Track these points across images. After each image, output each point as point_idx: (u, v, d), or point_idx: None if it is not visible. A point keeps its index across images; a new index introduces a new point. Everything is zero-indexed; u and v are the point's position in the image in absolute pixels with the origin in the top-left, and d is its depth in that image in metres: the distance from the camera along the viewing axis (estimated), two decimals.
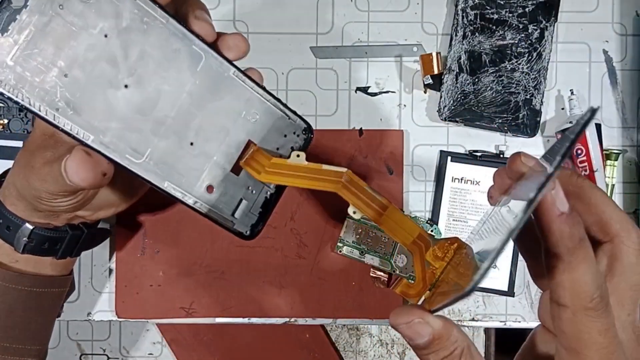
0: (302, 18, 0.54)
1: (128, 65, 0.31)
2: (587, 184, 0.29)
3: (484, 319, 0.53)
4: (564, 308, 0.26)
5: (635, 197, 0.54)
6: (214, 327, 1.03)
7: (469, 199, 0.53)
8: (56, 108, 0.30)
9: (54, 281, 0.43)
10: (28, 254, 0.41)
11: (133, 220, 0.52)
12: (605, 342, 0.26)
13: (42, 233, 0.40)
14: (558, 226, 0.25)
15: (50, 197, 0.36)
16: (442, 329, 0.28)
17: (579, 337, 0.26)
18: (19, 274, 0.41)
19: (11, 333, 0.42)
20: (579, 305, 0.26)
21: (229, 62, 0.34)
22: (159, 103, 0.32)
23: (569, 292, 0.26)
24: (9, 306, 0.41)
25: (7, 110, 0.51)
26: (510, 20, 0.51)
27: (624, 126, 0.54)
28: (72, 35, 0.30)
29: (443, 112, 0.51)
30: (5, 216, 0.39)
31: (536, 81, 0.51)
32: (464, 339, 0.29)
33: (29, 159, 0.36)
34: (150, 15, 0.31)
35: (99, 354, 1.08)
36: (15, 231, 0.39)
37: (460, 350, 0.29)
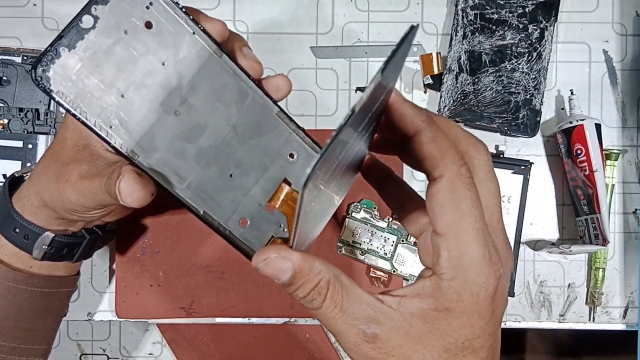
0: (302, 18, 0.54)
1: (181, 93, 0.33)
2: (432, 114, 0.29)
3: None
4: (440, 180, 0.27)
5: (635, 197, 0.54)
6: (214, 327, 1.03)
7: None
8: (110, 125, 0.32)
9: (63, 281, 0.44)
10: (46, 260, 0.41)
11: (133, 220, 0.52)
12: (477, 213, 0.27)
13: (62, 240, 0.41)
14: (408, 107, 0.28)
15: (85, 210, 0.37)
16: (301, 261, 0.28)
17: (456, 208, 0.27)
18: (30, 275, 0.41)
19: (19, 333, 0.42)
20: (453, 172, 0.27)
21: (273, 102, 0.35)
22: (205, 133, 0.33)
23: (441, 161, 0.27)
24: (18, 307, 0.41)
25: (7, 110, 0.51)
26: (510, 20, 0.51)
27: (624, 126, 0.54)
28: (132, 59, 0.32)
29: (443, 112, 0.51)
30: (24, 226, 0.39)
31: (536, 81, 0.51)
32: (329, 269, 0.29)
33: (61, 171, 0.36)
34: (206, 50, 0.33)
35: (99, 354, 1.08)
36: (34, 240, 0.40)
37: (326, 281, 0.28)
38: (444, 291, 0.27)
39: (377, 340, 0.28)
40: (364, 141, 0.29)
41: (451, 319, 0.28)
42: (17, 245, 0.40)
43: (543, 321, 0.53)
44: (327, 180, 0.26)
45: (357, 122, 0.24)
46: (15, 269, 0.40)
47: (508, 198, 0.52)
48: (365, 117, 0.25)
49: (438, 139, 0.27)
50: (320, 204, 0.29)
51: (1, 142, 0.52)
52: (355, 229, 0.51)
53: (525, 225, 0.53)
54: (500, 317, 0.29)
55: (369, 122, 0.26)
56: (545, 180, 0.54)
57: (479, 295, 0.27)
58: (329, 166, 0.24)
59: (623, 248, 0.54)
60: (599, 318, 0.53)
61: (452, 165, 0.27)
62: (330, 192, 0.29)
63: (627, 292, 0.53)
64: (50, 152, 0.38)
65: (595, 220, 0.50)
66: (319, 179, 0.24)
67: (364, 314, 0.28)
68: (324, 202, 0.30)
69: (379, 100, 0.26)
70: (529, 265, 0.53)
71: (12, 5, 0.53)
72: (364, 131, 0.26)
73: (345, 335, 0.28)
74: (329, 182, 0.27)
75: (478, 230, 0.27)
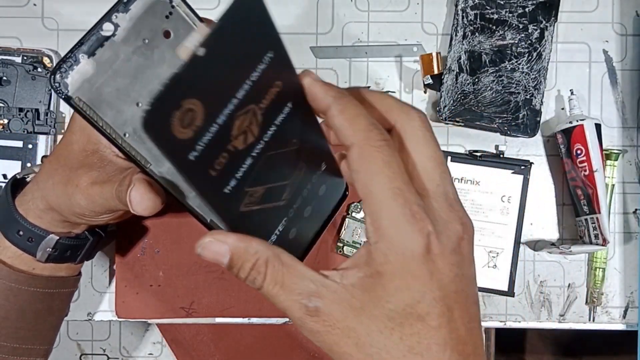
0: (302, 18, 0.54)
1: None
2: (365, 91, 0.30)
3: (484, 319, 0.53)
4: (351, 148, 0.28)
5: (635, 197, 0.54)
6: (214, 327, 1.03)
7: (469, 198, 0.53)
8: (124, 133, 0.32)
9: (65, 282, 0.44)
10: (50, 262, 0.41)
11: (134, 221, 0.52)
12: (390, 173, 0.27)
13: (66, 242, 0.41)
14: (319, 86, 0.29)
15: (94, 215, 0.37)
16: (237, 242, 0.29)
17: (367, 169, 0.27)
18: (32, 276, 0.41)
19: (21, 333, 0.42)
20: (361, 137, 0.27)
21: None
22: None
23: (350, 130, 0.28)
24: (20, 307, 0.41)
25: (7, 110, 0.51)
26: (510, 20, 0.51)
27: (624, 126, 0.54)
28: (150, 68, 0.32)
29: (443, 112, 0.51)
30: (28, 229, 0.39)
31: (536, 81, 0.51)
32: (267, 249, 0.29)
33: (70, 176, 0.36)
34: None
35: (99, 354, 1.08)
36: (38, 242, 0.40)
37: (264, 260, 0.29)
38: (373, 256, 0.27)
39: (320, 313, 0.28)
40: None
41: (385, 282, 0.27)
42: (20, 247, 0.40)
43: (543, 321, 0.53)
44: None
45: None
46: (18, 271, 0.41)
47: (508, 198, 0.52)
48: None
49: (346, 110, 0.28)
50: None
51: (1, 142, 0.52)
52: (355, 229, 0.52)
53: (525, 225, 0.53)
54: (451, 283, 0.28)
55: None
56: (545, 180, 0.54)
57: (405, 255, 0.27)
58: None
59: (623, 248, 0.54)
60: (599, 318, 0.53)
61: (360, 132, 0.27)
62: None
63: (627, 292, 0.53)
64: (56, 156, 0.38)
65: (595, 220, 0.50)
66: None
67: (305, 289, 0.28)
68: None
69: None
70: (529, 265, 0.53)
71: (12, 5, 0.53)
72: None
73: (290, 311, 0.28)
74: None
75: (394, 189, 0.27)
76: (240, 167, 0.30)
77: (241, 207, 0.31)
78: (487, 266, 0.52)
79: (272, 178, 0.32)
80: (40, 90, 0.52)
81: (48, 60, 0.52)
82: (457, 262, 0.28)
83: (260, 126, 0.30)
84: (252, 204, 0.31)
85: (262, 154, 0.30)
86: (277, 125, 0.30)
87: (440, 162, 0.29)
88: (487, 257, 0.52)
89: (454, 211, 0.28)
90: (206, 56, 0.25)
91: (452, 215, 0.28)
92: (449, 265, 0.27)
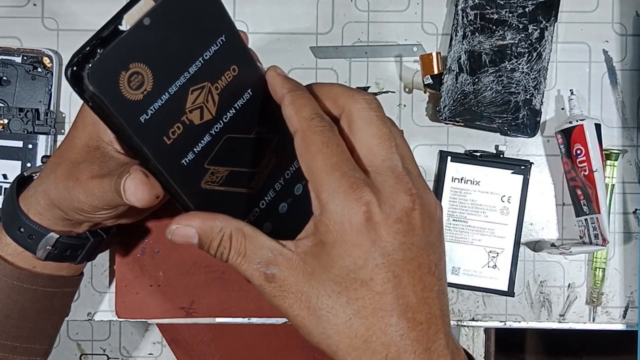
0: (302, 18, 0.54)
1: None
2: (317, 84, 0.33)
3: (484, 319, 0.53)
4: (295, 135, 0.30)
5: (635, 197, 0.54)
6: (214, 327, 1.03)
7: (469, 199, 0.53)
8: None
9: (66, 281, 0.44)
10: (50, 261, 0.41)
11: (135, 223, 0.52)
12: (328, 151, 0.29)
13: (66, 241, 0.41)
14: (279, 79, 0.32)
15: (93, 210, 0.37)
16: (202, 223, 0.31)
17: (308, 150, 0.30)
18: (34, 274, 0.41)
19: (22, 332, 0.42)
20: (304, 125, 0.30)
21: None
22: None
23: (296, 117, 0.30)
24: (21, 305, 0.41)
25: (7, 110, 0.51)
26: (510, 20, 0.51)
27: (624, 126, 0.54)
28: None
29: (443, 112, 0.51)
30: (28, 226, 0.39)
31: (536, 81, 0.51)
32: (230, 223, 0.31)
33: (72, 170, 0.36)
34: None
35: (99, 354, 1.09)
36: (38, 240, 0.40)
37: (228, 235, 0.31)
38: (317, 227, 0.30)
39: (276, 279, 0.30)
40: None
41: (329, 250, 0.29)
42: (20, 244, 0.40)
43: (543, 321, 0.53)
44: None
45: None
46: (18, 268, 0.41)
47: (508, 198, 0.52)
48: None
49: (296, 101, 0.31)
50: None
51: (1, 142, 0.52)
52: None
53: (525, 225, 0.53)
54: (396, 250, 0.29)
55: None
56: (545, 180, 0.54)
57: (344, 224, 0.29)
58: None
59: (623, 248, 0.54)
60: (599, 318, 0.53)
61: (303, 120, 0.30)
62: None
63: (627, 292, 0.53)
64: (60, 151, 0.38)
65: (595, 220, 0.50)
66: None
67: (264, 258, 0.30)
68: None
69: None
70: (529, 265, 0.53)
71: (12, 5, 0.53)
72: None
73: (252, 279, 0.31)
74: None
75: (332, 164, 0.29)
76: (199, 142, 0.32)
77: (202, 184, 0.33)
78: (487, 266, 0.52)
79: (235, 162, 0.34)
80: (40, 90, 0.52)
81: (48, 60, 0.52)
82: (403, 230, 0.29)
83: (218, 106, 0.32)
84: (215, 183, 0.33)
85: (221, 134, 0.33)
86: (237, 109, 0.33)
87: (386, 139, 0.30)
88: (487, 257, 0.52)
89: (401, 183, 0.29)
90: (151, 25, 0.29)
91: (398, 187, 0.29)
92: (393, 234, 0.29)
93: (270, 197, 0.36)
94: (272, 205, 0.36)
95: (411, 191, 0.29)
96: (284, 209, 0.37)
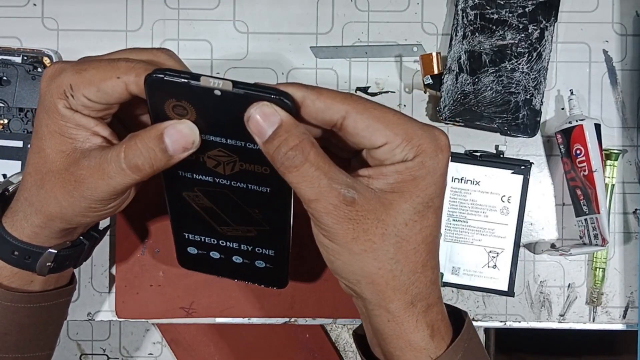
0: (302, 18, 0.54)
1: None
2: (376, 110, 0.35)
3: (484, 319, 0.53)
4: (348, 116, 0.33)
5: (635, 197, 0.54)
6: (214, 327, 1.03)
7: (469, 199, 0.53)
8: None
9: (61, 293, 0.43)
10: (52, 273, 0.40)
11: (133, 220, 0.52)
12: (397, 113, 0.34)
13: (65, 253, 0.40)
14: (327, 96, 0.32)
15: (102, 205, 0.36)
16: (289, 118, 0.31)
17: (384, 118, 0.33)
18: (27, 295, 0.40)
19: (22, 345, 0.41)
20: (358, 103, 0.33)
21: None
22: None
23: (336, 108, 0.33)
24: (18, 322, 0.41)
25: (7, 110, 0.51)
26: (510, 20, 0.51)
27: (624, 126, 0.54)
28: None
29: (443, 112, 0.51)
30: (22, 248, 0.38)
31: (536, 81, 0.51)
32: (313, 138, 0.32)
33: (63, 176, 0.35)
34: None
35: (99, 354, 1.08)
36: (36, 259, 0.39)
37: (309, 142, 0.31)
38: (409, 166, 0.33)
39: (355, 204, 0.32)
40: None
41: (419, 181, 0.33)
42: (18, 266, 0.39)
43: (543, 321, 0.54)
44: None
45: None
46: (11, 289, 0.39)
47: (508, 198, 0.52)
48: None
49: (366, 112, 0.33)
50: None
51: (1, 142, 0.52)
52: None
53: (525, 225, 0.53)
54: (443, 188, 0.35)
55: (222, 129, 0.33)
56: (545, 180, 0.54)
57: (437, 155, 0.33)
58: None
59: (623, 248, 0.54)
60: (599, 318, 0.53)
61: (354, 101, 0.33)
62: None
63: (627, 292, 0.53)
64: (35, 166, 0.36)
65: (594, 221, 0.50)
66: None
67: (344, 181, 0.32)
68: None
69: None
70: (529, 265, 0.53)
71: (12, 5, 0.53)
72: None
73: (326, 197, 0.31)
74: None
75: (407, 119, 0.34)
76: (200, 175, 0.36)
77: (183, 193, 0.37)
78: (487, 266, 0.52)
79: (220, 207, 0.38)
80: None
81: (48, 60, 0.52)
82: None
83: (234, 174, 0.35)
84: (193, 202, 0.38)
85: (222, 188, 0.36)
86: (248, 189, 0.36)
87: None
88: (487, 257, 0.52)
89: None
90: (218, 97, 0.31)
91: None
92: (444, 179, 0.35)
93: (232, 246, 0.41)
94: (228, 252, 0.41)
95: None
96: (239, 261, 0.42)
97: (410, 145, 0.33)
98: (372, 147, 0.33)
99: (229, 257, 0.42)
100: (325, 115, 0.32)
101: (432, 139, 0.33)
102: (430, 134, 0.33)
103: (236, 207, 0.37)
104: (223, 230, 0.40)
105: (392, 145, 0.33)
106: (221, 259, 0.42)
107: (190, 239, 0.42)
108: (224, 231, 0.40)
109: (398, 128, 0.33)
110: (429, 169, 0.33)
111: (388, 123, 0.33)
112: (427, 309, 0.35)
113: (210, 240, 0.41)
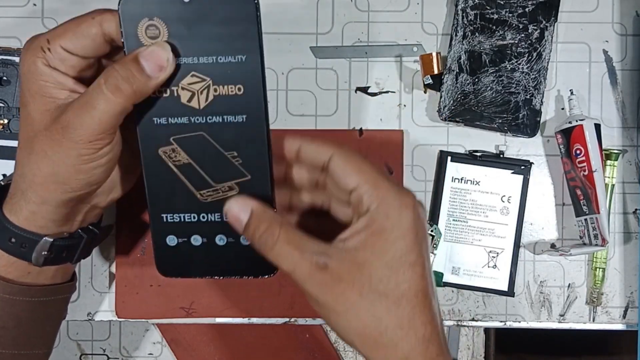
0: (302, 18, 0.54)
1: None
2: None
3: (484, 319, 0.53)
4: (335, 157, 0.36)
5: (635, 197, 0.54)
6: (214, 327, 1.03)
7: (469, 199, 0.53)
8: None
9: (60, 289, 0.43)
10: (47, 265, 0.40)
11: (133, 219, 0.52)
12: (372, 166, 0.37)
13: (61, 243, 0.40)
14: (314, 143, 0.37)
15: (91, 150, 0.36)
16: (258, 205, 0.35)
17: (360, 169, 0.36)
18: (26, 287, 0.40)
19: (20, 341, 0.41)
20: (342, 149, 0.37)
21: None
22: None
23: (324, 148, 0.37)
24: (16, 316, 0.40)
25: (7, 110, 0.51)
26: (510, 20, 0.51)
27: (624, 126, 0.54)
28: None
29: (443, 112, 0.51)
30: (19, 235, 0.38)
31: (536, 81, 0.51)
32: (280, 217, 0.35)
33: (52, 127, 0.36)
34: None
35: (99, 354, 1.09)
36: (32, 247, 0.39)
37: (278, 223, 0.34)
38: (374, 217, 0.34)
39: (328, 268, 0.34)
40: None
41: (387, 235, 0.34)
42: (14, 254, 0.39)
43: (543, 321, 0.54)
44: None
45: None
46: (9, 281, 0.40)
47: (508, 198, 0.52)
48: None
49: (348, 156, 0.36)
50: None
51: (1, 142, 0.52)
52: None
53: (525, 225, 0.53)
54: (426, 246, 0.35)
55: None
56: (545, 180, 0.54)
57: (401, 210, 0.34)
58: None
59: (623, 248, 0.54)
60: (599, 318, 0.53)
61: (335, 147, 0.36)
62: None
63: (627, 292, 0.53)
64: (24, 132, 0.38)
65: (594, 221, 0.50)
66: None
67: (315, 249, 0.34)
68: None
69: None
70: (529, 265, 0.53)
71: (12, 5, 0.53)
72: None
73: (300, 267, 0.34)
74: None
75: (379, 172, 0.35)
76: (175, 117, 0.36)
77: (160, 150, 0.37)
78: (487, 266, 0.52)
79: (198, 160, 0.37)
80: None
81: None
82: (426, 230, 0.36)
83: (208, 104, 0.35)
84: (171, 159, 0.37)
85: (198, 128, 0.36)
86: (223, 121, 0.36)
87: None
88: (487, 257, 0.52)
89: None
90: (189, 3, 0.33)
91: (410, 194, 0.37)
92: (424, 231, 0.36)
93: (212, 218, 0.38)
94: (211, 229, 0.38)
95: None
96: (223, 242, 0.39)
97: (376, 194, 0.35)
98: (346, 189, 0.35)
99: (211, 238, 0.39)
100: (316, 156, 0.36)
101: (397, 194, 0.35)
102: (396, 190, 0.35)
103: (214, 155, 0.37)
104: (203, 195, 0.37)
105: (361, 191, 0.35)
106: (204, 244, 0.39)
107: (169, 221, 0.38)
108: (205, 196, 0.38)
109: (368, 175, 0.35)
110: (393, 221, 0.34)
111: (360, 169, 0.35)
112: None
113: (191, 217, 0.38)
